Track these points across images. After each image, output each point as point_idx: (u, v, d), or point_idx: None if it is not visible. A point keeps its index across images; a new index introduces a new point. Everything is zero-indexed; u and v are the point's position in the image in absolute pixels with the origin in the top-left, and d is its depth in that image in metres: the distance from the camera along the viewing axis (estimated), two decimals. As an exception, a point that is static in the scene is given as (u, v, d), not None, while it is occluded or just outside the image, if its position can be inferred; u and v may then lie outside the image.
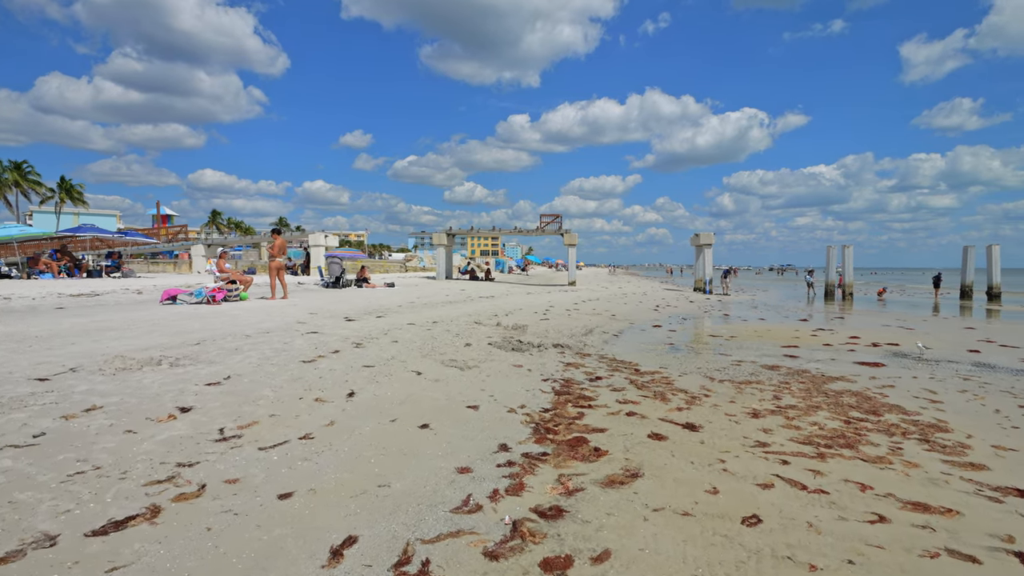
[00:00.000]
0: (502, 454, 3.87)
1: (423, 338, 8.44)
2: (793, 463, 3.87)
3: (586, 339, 9.98)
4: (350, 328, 8.89)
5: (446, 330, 9.49)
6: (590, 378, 6.60)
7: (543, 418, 4.81)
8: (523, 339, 9.15)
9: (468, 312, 12.75)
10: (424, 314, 11.72)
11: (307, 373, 5.73)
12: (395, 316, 11.00)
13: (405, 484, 3.27)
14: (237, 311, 10.08)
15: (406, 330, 9.11)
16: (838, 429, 4.69)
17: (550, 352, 8.22)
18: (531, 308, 15.01)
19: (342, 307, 11.96)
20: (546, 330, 10.66)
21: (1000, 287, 26.04)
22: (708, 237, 28.21)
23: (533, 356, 7.79)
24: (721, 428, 4.69)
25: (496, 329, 10.21)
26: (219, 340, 7.09)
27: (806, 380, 6.78)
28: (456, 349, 7.77)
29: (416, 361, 6.76)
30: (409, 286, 22.91)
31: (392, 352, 7.16)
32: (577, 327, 11.52)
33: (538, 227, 32.00)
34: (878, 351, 9.40)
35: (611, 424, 4.73)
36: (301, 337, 7.72)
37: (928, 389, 6.41)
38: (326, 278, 19.68)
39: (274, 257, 12.46)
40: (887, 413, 5.29)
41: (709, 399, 5.73)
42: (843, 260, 26.18)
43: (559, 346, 8.78)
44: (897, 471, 3.77)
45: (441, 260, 31.86)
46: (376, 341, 7.85)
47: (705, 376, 6.94)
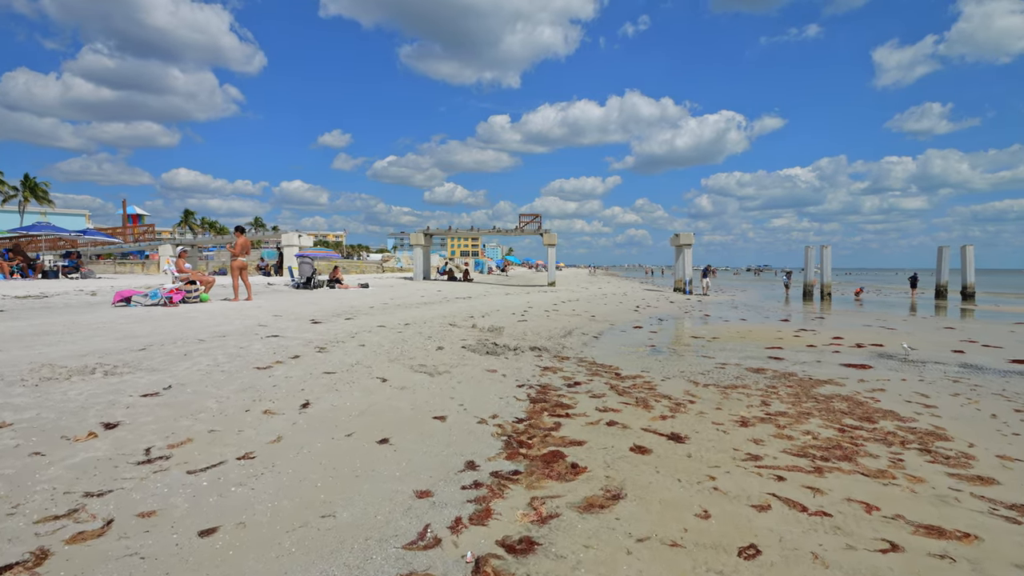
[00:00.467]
0: (469, 473, 3.45)
1: (393, 341, 7.98)
2: (789, 479, 3.52)
3: (565, 341, 9.61)
4: (315, 331, 8.38)
5: (418, 332, 9.03)
6: (568, 384, 6.21)
7: (516, 429, 4.40)
8: (499, 342, 8.74)
9: (443, 314, 12.30)
10: (397, 316, 11.23)
11: (260, 381, 5.24)
12: (365, 318, 10.50)
13: (354, 513, 2.83)
14: (195, 313, 9.48)
15: (375, 333, 8.63)
16: (833, 439, 4.37)
17: (527, 355, 7.82)
18: (509, 309, 14.61)
19: (310, 309, 11.41)
20: (523, 332, 10.26)
21: (974, 287, 26.41)
22: (688, 237, 28.12)
23: (509, 360, 7.38)
24: (709, 439, 4.33)
25: (471, 331, 9.78)
26: (167, 345, 6.54)
27: (793, 384, 6.49)
28: (427, 353, 7.33)
29: (382, 367, 6.30)
30: (384, 287, 22.33)
31: (357, 357, 6.69)
32: (556, 329, 11.14)
33: (517, 227, 31.60)
34: (863, 352, 9.19)
35: (590, 435, 4.34)
36: (260, 341, 7.20)
37: (919, 392, 6.15)
38: (297, 279, 19.01)
39: (236, 256, 11.85)
40: (882, 420, 4.99)
41: (694, 405, 5.38)
42: (821, 260, 26.29)
43: (536, 349, 8.39)
44: (902, 487, 3.44)
45: (418, 260, 31.27)
46: (342, 345, 7.36)
47: (689, 380, 6.60)
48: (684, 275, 27.91)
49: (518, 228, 31.61)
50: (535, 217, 31.55)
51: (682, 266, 28.25)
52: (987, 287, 38.29)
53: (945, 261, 27.05)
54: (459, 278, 33.13)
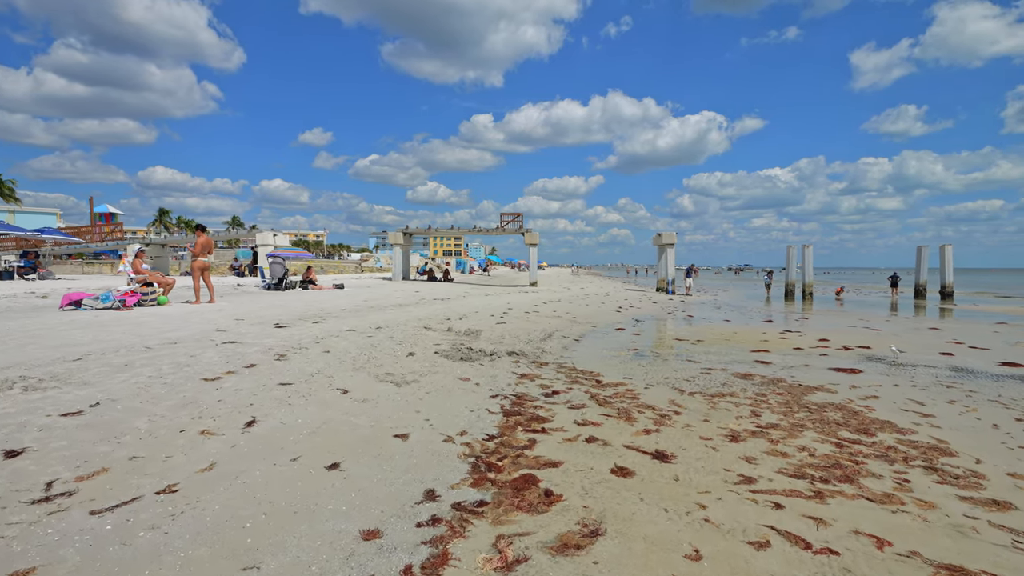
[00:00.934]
0: (427, 506, 3.01)
1: (361, 347, 7.50)
2: (788, 507, 3.14)
3: (544, 345, 9.20)
4: (278, 336, 7.86)
5: (389, 337, 8.55)
6: (546, 393, 5.80)
7: (486, 449, 3.97)
8: (475, 346, 8.30)
9: (418, 316, 11.82)
10: (369, 319, 10.73)
11: (205, 395, 4.74)
12: (335, 321, 9.98)
13: (283, 563, 2.38)
14: (148, 318, 8.88)
15: (343, 338, 8.14)
16: (831, 456, 4.01)
17: (503, 361, 7.40)
18: (488, 311, 14.17)
19: (276, 312, 10.85)
20: (501, 335, 9.83)
21: (953, 286, 26.59)
22: (670, 237, 27.91)
23: (484, 367, 6.95)
24: (697, 457, 3.94)
25: (446, 335, 9.32)
26: (109, 354, 5.99)
27: (783, 391, 6.15)
28: (396, 360, 6.86)
29: (345, 376, 5.83)
30: (360, 287, 21.72)
31: (319, 365, 6.20)
32: (535, 331, 10.73)
33: (498, 226, 31.13)
34: (851, 355, 8.92)
35: (568, 454, 3.93)
36: (214, 348, 6.68)
37: (914, 400, 5.85)
38: (268, 280, 18.33)
39: (197, 256, 11.22)
40: (879, 432, 4.65)
41: (680, 417, 5.00)
42: (803, 260, 26.27)
43: (514, 354, 7.96)
44: (913, 515, 3.08)
45: (397, 260, 30.61)
46: (304, 352, 6.86)
47: (674, 388, 6.23)
48: (667, 275, 27.70)
49: (499, 227, 31.15)
50: (516, 216, 31.12)
51: (665, 266, 28.04)
52: (962, 286, 38.78)
53: (924, 261, 27.21)
54: (439, 278, 32.56)
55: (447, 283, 30.75)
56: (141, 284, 10.39)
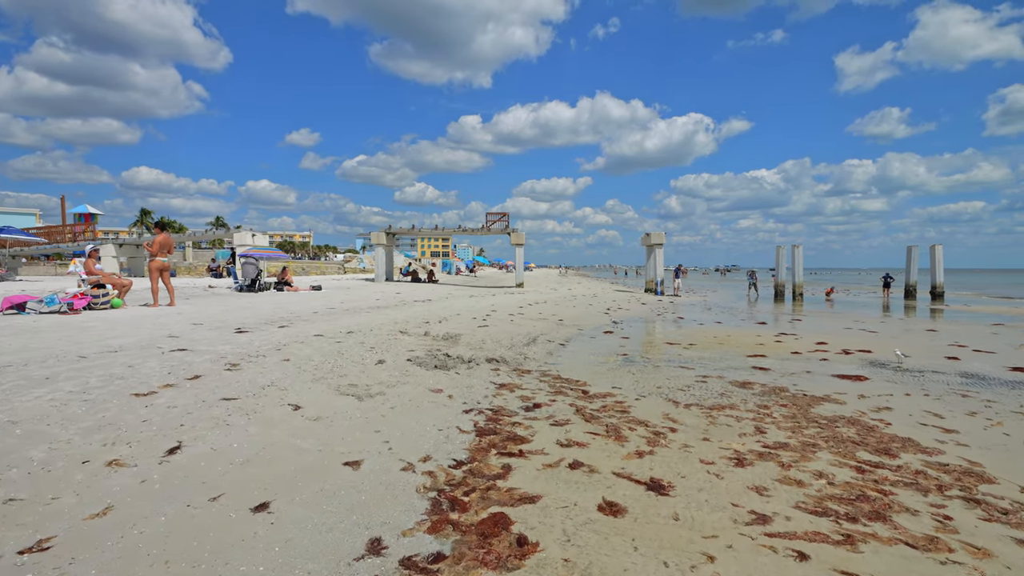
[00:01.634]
0: (369, 562, 2.40)
1: (326, 354, 6.86)
2: (814, 556, 2.57)
3: (528, 350, 8.61)
4: (235, 343, 7.20)
5: (360, 342, 7.92)
6: (527, 406, 5.21)
7: (451, 479, 3.37)
8: (452, 352, 7.68)
9: (396, 319, 11.18)
10: (341, 323, 10.07)
11: (129, 414, 4.09)
12: (303, 325, 9.32)
13: (156, 663, 1.75)
14: (95, 323, 8.17)
15: (308, 344, 7.49)
16: (854, 484, 3.45)
17: (482, 369, 6.79)
18: (470, 313, 13.56)
19: (241, 315, 10.17)
20: (482, 340, 9.23)
21: (943, 287, 26.40)
22: (659, 237, 27.45)
23: (460, 375, 6.34)
24: (699, 487, 3.36)
25: (423, 340, 8.70)
26: (32, 365, 5.31)
27: (787, 402, 5.60)
28: (363, 369, 6.23)
29: (302, 388, 5.19)
30: (340, 289, 20.99)
31: (275, 376, 5.56)
32: (519, 335, 10.14)
33: (483, 226, 30.49)
34: (853, 360, 8.42)
35: (548, 484, 3.34)
36: (159, 357, 6.01)
37: (931, 412, 5.33)
38: (241, 281, 17.56)
39: (155, 256, 10.49)
40: (902, 452, 4.11)
41: (676, 435, 4.43)
42: (793, 260, 25.92)
43: (494, 361, 7.36)
44: (968, 567, 2.52)
45: (380, 261, 29.86)
46: (260, 361, 6.22)
47: (668, 399, 5.66)
48: (655, 276, 27.24)
49: (484, 227, 30.53)
50: (502, 216, 30.53)
51: (653, 266, 27.58)
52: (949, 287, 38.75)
53: (914, 261, 27.01)
54: (423, 279, 31.87)
55: (431, 284, 30.08)
56: (92, 286, 9.67)
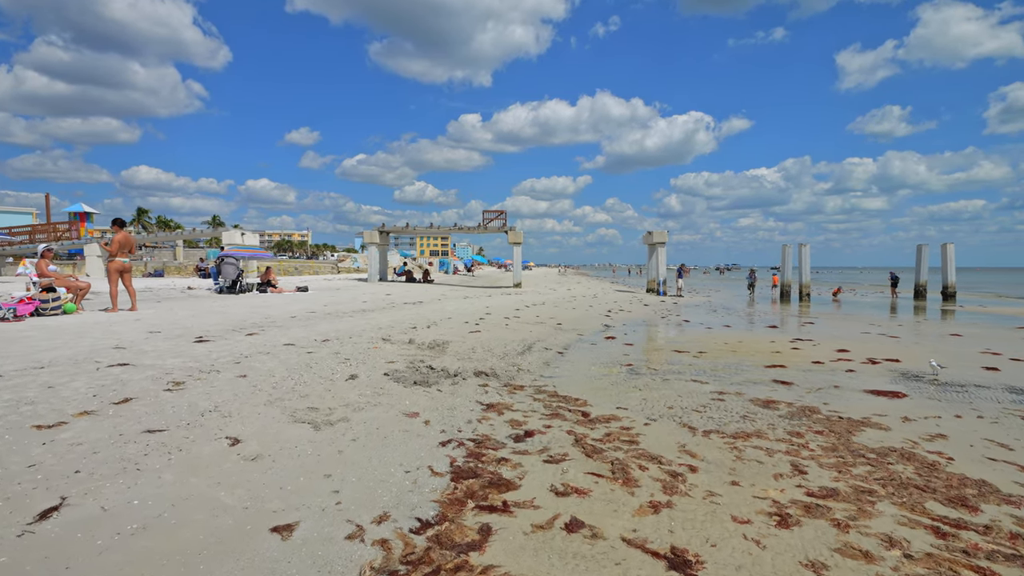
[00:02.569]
0: None
1: (291, 368, 6.03)
2: None
3: (522, 360, 7.79)
4: (190, 355, 6.37)
5: (334, 353, 7.09)
6: (517, 434, 4.39)
7: (410, 552, 2.55)
8: (436, 364, 6.86)
9: (381, 324, 10.35)
10: (318, 329, 9.24)
11: (15, 455, 3.27)
12: (275, 333, 8.50)
13: None
14: (33, 332, 7.33)
15: (274, 355, 6.66)
16: (938, 557, 2.63)
17: (468, 385, 5.97)
18: (463, 316, 12.73)
19: (209, 321, 9.33)
20: (472, 348, 8.40)
21: (955, 286, 25.58)
22: (661, 235, 26.57)
23: (442, 394, 5.52)
24: (736, 564, 2.54)
25: (405, 349, 7.87)
26: (-72, 387, 4.48)
27: (822, 427, 4.78)
28: (330, 386, 5.41)
29: (250, 414, 4.37)
30: (328, 290, 20.13)
31: (221, 398, 4.74)
32: (513, 342, 9.31)
33: (479, 224, 29.59)
34: (882, 371, 7.60)
35: (537, 561, 2.52)
36: (91, 374, 5.18)
37: (995, 441, 4.50)
38: (221, 282, 16.69)
39: (113, 256, 9.63)
40: (982, 502, 3.29)
41: (698, 476, 3.61)
42: (800, 260, 25.07)
43: (483, 374, 6.54)
44: None
45: (373, 260, 28.94)
46: (212, 378, 5.39)
47: (682, 424, 4.84)
48: (657, 275, 26.38)
49: (480, 226, 29.64)
50: (499, 214, 29.63)
51: (655, 266, 26.72)
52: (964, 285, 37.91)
53: (924, 260, 26.16)
54: (418, 279, 30.99)
55: (427, 284, 29.24)
56: (42, 289, 8.82)
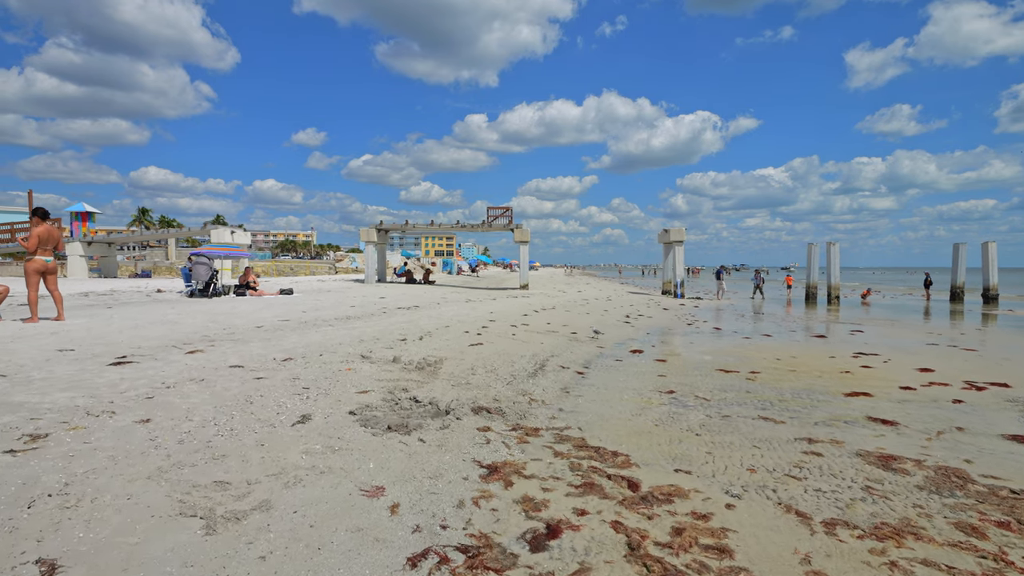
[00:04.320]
0: None
1: (221, 406, 4.39)
2: None
3: (534, 385, 6.13)
4: (89, 386, 4.73)
5: (292, 378, 5.44)
6: (534, 533, 2.74)
7: None
8: (424, 393, 5.21)
9: (364, 335, 8.70)
10: (285, 343, 7.60)
11: None
12: (227, 349, 6.86)
13: None
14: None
15: (209, 384, 5.02)
16: None
17: (463, 427, 4.31)
18: (463, 324, 11.06)
19: (147, 334, 7.71)
20: (472, 367, 6.75)
21: (997, 288, 23.74)
22: (679, 233, 24.80)
23: (425, 446, 3.86)
24: None
25: (388, 370, 6.22)
26: None
27: (998, 511, 3.09)
28: (264, 438, 3.75)
29: (110, 501, 2.73)
30: (316, 292, 18.47)
31: (86, 465, 3.10)
32: (522, 358, 7.65)
33: (484, 222, 27.89)
34: (999, 401, 5.89)
35: None
36: (-92, 424, 3.55)
37: None
38: (193, 284, 15.06)
39: (32, 255, 8.03)
40: None
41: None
42: (829, 260, 23.29)
43: (483, 411, 4.87)
44: None
45: (371, 260, 27.27)
46: (98, 424, 3.75)
47: (782, 505, 3.17)
48: (674, 276, 24.63)
49: (485, 223, 27.94)
50: (505, 210, 27.93)
51: (672, 266, 24.97)
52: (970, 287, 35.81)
53: (962, 260, 24.31)
54: (419, 280, 29.34)
55: (428, 285, 27.60)
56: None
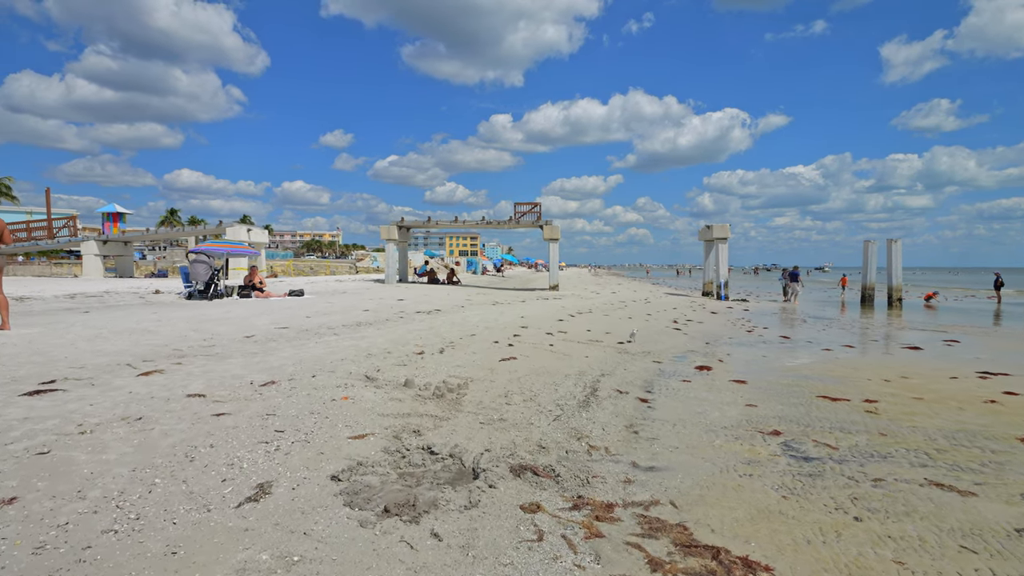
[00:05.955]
0: None
1: (143, 465, 2.94)
2: None
3: (589, 422, 4.57)
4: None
5: (263, 416, 3.98)
6: None
7: None
8: (442, 440, 3.70)
9: (372, 348, 7.24)
10: (273, 359, 6.17)
11: None
12: (195, 368, 5.46)
13: None
14: None
15: (144, 426, 3.59)
16: None
17: (499, 506, 2.78)
18: (490, 332, 9.55)
19: (104, 348, 6.37)
20: (505, 394, 5.22)
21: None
22: (723, 230, 22.89)
23: (440, 552, 2.34)
24: None
25: (396, 399, 4.72)
26: None
27: None
28: (180, 540, 2.28)
29: None
30: (331, 293, 17.16)
31: None
32: (567, 378, 6.10)
33: (511, 218, 26.34)
34: None
35: None
36: None
37: None
38: (192, 284, 13.86)
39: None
40: None
41: None
42: (890, 259, 21.19)
43: (526, 471, 3.33)
44: None
45: (391, 259, 25.95)
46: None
47: None
48: (717, 277, 22.75)
49: (512, 220, 26.39)
50: (533, 206, 26.34)
51: (715, 265, 23.10)
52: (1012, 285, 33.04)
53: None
54: (442, 280, 27.96)
55: (452, 286, 26.19)
56: None
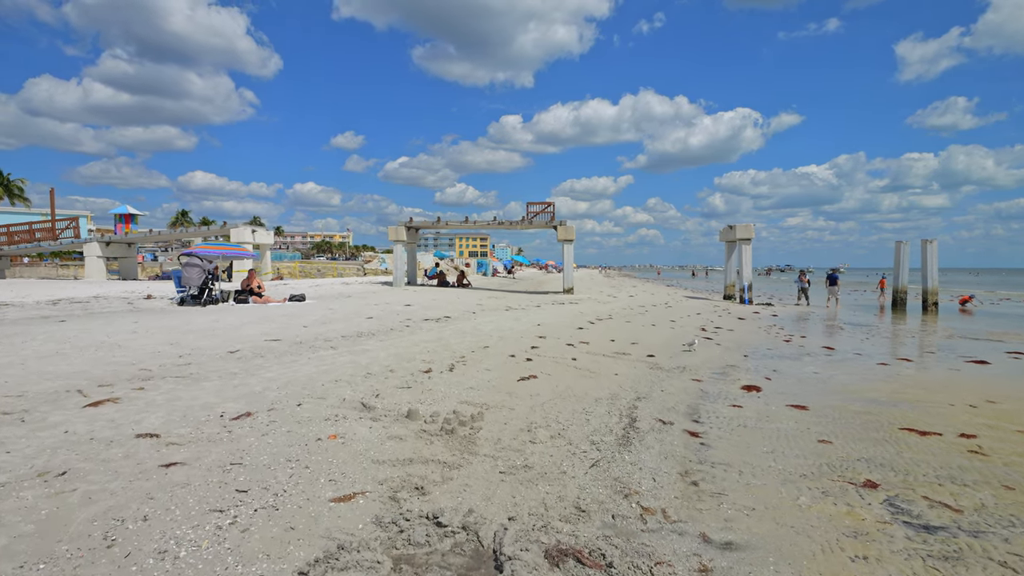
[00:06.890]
0: None
1: (38, 559, 2.08)
2: None
3: (634, 468, 3.67)
4: None
5: (227, 465, 3.12)
6: None
7: None
8: (450, 505, 2.82)
9: (373, 365, 6.37)
10: (255, 381, 5.33)
11: None
12: (160, 393, 4.62)
13: None
14: None
15: (66, 486, 2.74)
16: None
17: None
18: (505, 343, 8.65)
19: (61, 366, 5.54)
20: (528, 426, 4.33)
21: None
22: (746, 230, 21.79)
23: None
24: None
25: (396, 437, 3.84)
26: None
27: None
28: None
29: None
30: (335, 298, 16.33)
31: None
32: (599, 406, 5.20)
33: (524, 218, 25.42)
34: None
35: None
36: None
37: None
38: (185, 289, 13.11)
39: None
40: None
41: None
42: (925, 260, 20.05)
43: (566, 560, 2.44)
44: None
45: (399, 261, 25.10)
46: None
47: None
48: (740, 279, 21.67)
49: (525, 219, 25.47)
50: (546, 206, 25.41)
51: (737, 267, 22.03)
52: None
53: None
54: (452, 283, 27.11)
55: (462, 289, 25.33)
56: None
